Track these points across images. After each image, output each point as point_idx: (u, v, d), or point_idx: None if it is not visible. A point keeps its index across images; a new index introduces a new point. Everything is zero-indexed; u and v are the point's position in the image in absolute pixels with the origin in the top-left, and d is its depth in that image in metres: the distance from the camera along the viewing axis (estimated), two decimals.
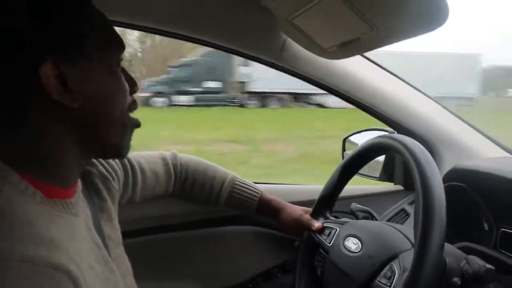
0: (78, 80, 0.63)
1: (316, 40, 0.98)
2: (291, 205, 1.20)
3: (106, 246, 0.79)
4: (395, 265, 0.82)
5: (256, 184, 1.25)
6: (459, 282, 0.79)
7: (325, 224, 1.06)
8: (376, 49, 0.94)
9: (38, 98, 0.61)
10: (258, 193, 1.21)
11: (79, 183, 0.76)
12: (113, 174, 0.95)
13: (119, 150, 0.75)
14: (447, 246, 0.86)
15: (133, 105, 0.75)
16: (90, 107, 0.65)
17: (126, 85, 0.72)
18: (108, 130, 0.70)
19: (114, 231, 0.87)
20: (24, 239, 0.54)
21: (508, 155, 1.29)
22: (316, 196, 1.13)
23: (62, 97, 0.61)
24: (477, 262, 0.78)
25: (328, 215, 1.11)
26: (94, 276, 0.67)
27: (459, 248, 0.91)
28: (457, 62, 20.67)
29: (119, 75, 0.71)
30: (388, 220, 1.34)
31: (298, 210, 1.17)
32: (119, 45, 0.71)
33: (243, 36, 1.17)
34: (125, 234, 0.91)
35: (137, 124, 0.77)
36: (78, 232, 0.68)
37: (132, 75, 0.76)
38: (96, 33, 0.67)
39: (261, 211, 1.22)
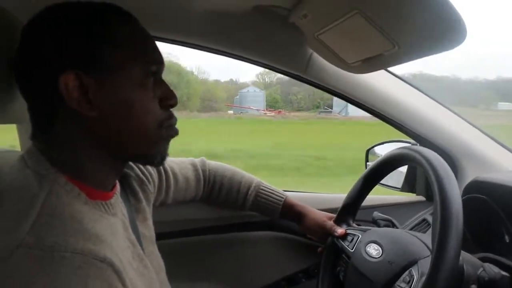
0: (99, 91, 0.67)
1: (340, 55, 1.03)
2: (315, 210, 1.23)
3: (140, 244, 0.84)
4: (414, 270, 0.85)
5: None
6: None
7: (348, 231, 1.10)
8: (398, 65, 0.98)
9: (61, 107, 0.67)
10: (282, 197, 1.25)
11: (118, 185, 0.81)
12: (149, 177, 1.01)
13: (149, 160, 0.76)
14: (466, 254, 0.89)
15: (167, 120, 0.75)
16: (110, 118, 0.68)
17: (155, 99, 0.73)
18: (133, 141, 0.72)
19: (148, 230, 0.93)
20: (74, 234, 0.60)
21: None
22: (340, 204, 1.17)
23: (81, 106, 0.66)
24: (493, 270, 0.81)
25: (351, 222, 1.14)
26: (133, 271, 0.73)
27: (479, 259, 0.93)
28: None
29: (147, 88, 0.71)
30: (410, 230, 1.36)
31: (322, 216, 1.20)
32: (151, 58, 0.73)
33: (272, 50, 1.22)
34: (157, 236, 0.97)
35: (175, 134, 0.78)
36: (117, 231, 0.73)
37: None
38: (120, 46, 0.68)
39: (285, 215, 1.26)
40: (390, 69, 1.30)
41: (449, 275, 0.74)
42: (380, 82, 1.29)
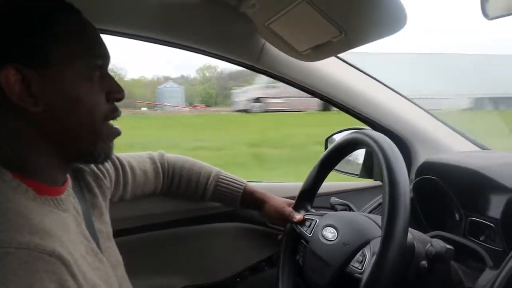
0: (43, 86, 0.66)
1: (291, 44, 1.04)
2: (274, 197, 1.25)
3: (96, 240, 0.84)
4: (366, 250, 0.88)
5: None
6: (427, 265, 0.85)
7: (306, 216, 1.12)
8: (347, 51, 1.00)
9: (4, 102, 0.66)
10: (242, 185, 1.26)
11: (69, 181, 0.80)
12: (105, 172, 1.00)
13: (93, 157, 0.76)
14: (416, 232, 0.93)
15: (112, 114, 0.75)
16: (56, 112, 0.68)
17: (101, 93, 0.73)
18: (78, 137, 0.72)
19: (104, 225, 0.92)
20: (20, 229, 0.59)
21: (477, 148, 1.36)
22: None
23: (23, 101, 0.65)
24: (439, 244, 0.84)
25: (309, 208, 1.16)
26: (86, 265, 0.72)
27: (431, 237, 0.97)
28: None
29: (93, 82, 0.71)
30: (369, 213, 1.40)
31: (281, 203, 1.21)
32: (96, 52, 0.73)
33: (224, 41, 1.23)
34: (117, 233, 0.96)
35: (116, 134, 0.78)
36: (68, 226, 0.72)
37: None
38: (64, 40, 0.68)
39: (245, 203, 1.27)
40: (342, 56, 1.32)
41: (398, 251, 0.76)
42: (333, 69, 1.32)
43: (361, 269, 0.85)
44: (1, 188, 0.64)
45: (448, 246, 0.84)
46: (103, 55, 0.74)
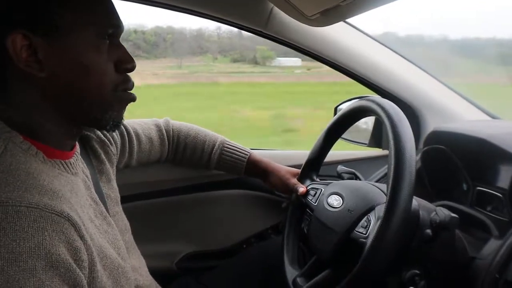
0: (50, 52, 0.66)
1: (299, 8, 1.01)
2: (279, 166, 1.24)
3: (104, 204, 0.85)
4: (371, 215, 0.88)
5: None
6: (431, 234, 0.85)
7: (311, 186, 1.12)
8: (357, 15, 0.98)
9: (12, 68, 0.66)
10: (246, 154, 1.26)
11: (77, 146, 0.81)
12: (111, 139, 1.00)
13: (101, 124, 0.75)
14: (422, 201, 0.92)
15: (123, 84, 0.75)
16: (62, 79, 0.68)
17: (110, 62, 0.72)
18: (85, 104, 0.71)
19: (112, 191, 0.94)
20: (30, 189, 0.60)
21: (488, 117, 1.33)
22: (303, 160, 1.18)
23: (30, 66, 0.66)
24: (444, 212, 0.84)
25: (314, 177, 1.16)
26: (94, 228, 0.74)
27: (437, 206, 0.97)
28: None
29: (101, 51, 0.70)
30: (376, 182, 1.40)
31: (286, 173, 1.21)
32: (106, 20, 0.71)
33: (231, 5, 1.20)
34: (124, 198, 0.98)
35: (129, 100, 0.77)
36: (77, 189, 0.73)
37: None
38: (72, 7, 0.67)
39: (250, 172, 1.27)
40: (352, 23, 1.29)
41: (402, 216, 0.76)
42: (343, 36, 1.29)
43: (365, 234, 0.86)
44: (12, 150, 0.65)
45: (453, 215, 0.83)
46: (115, 24, 0.73)
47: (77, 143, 0.81)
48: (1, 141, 0.65)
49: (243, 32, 1.26)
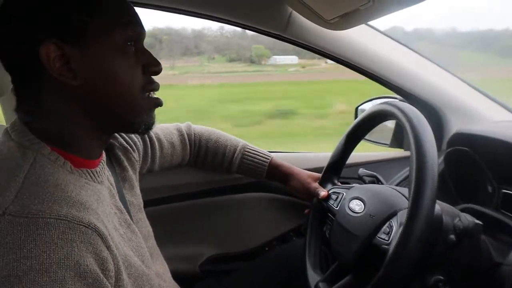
0: (81, 60, 0.67)
1: (319, 12, 1.01)
2: (300, 171, 1.24)
3: (128, 211, 0.87)
4: (393, 221, 0.87)
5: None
6: (455, 239, 0.83)
7: (333, 190, 1.11)
8: (376, 19, 0.97)
9: (44, 77, 0.67)
10: (268, 158, 1.26)
11: (104, 154, 0.82)
12: (133, 146, 1.02)
13: (134, 128, 0.77)
14: (445, 205, 0.91)
15: (149, 86, 0.76)
16: (93, 86, 0.69)
17: (138, 66, 0.74)
18: (117, 109, 0.73)
19: (135, 198, 0.95)
20: (58, 201, 0.62)
21: None
22: (325, 163, 1.18)
23: (63, 75, 0.67)
24: (467, 219, 0.82)
25: (335, 181, 1.15)
26: (119, 236, 0.75)
27: (461, 210, 0.95)
28: None
29: (128, 56, 0.72)
30: (397, 185, 1.38)
31: (307, 178, 1.21)
32: (131, 26, 0.73)
33: (251, 10, 1.20)
34: (146, 203, 0.99)
35: (156, 104, 0.79)
36: (103, 198, 0.75)
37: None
38: (99, 14, 0.68)
39: (271, 177, 1.27)
40: (373, 24, 1.28)
41: (425, 222, 0.75)
42: (363, 38, 1.28)
43: (387, 240, 0.85)
44: (41, 161, 0.66)
45: (477, 221, 0.82)
46: (139, 30, 0.75)
47: (103, 151, 0.82)
48: (30, 153, 0.67)
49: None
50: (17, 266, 0.55)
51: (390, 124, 1.52)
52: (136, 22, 0.75)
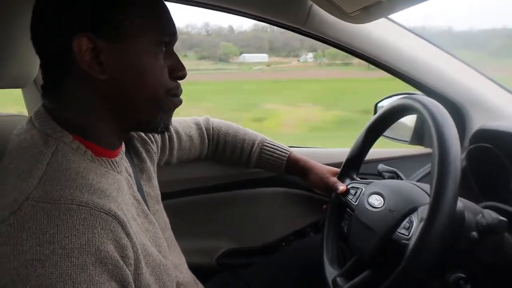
0: (111, 55, 0.68)
1: (339, 5, 1.00)
2: (319, 165, 1.23)
3: (145, 202, 0.87)
4: (413, 216, 0.86)
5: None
6: (477, 236, 0.82)
7: (352, 185, 1.10)
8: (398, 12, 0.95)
9: (73, 67, 0.68)
10: (286, 153, 1.26)
11: (123, 145, 0.83)
12: (152, 138, 1.03)
13: (153, 127, 0.78)
14: (467, 202, 0.89)
15: (174, 89, 0.77)
16: (120, 82, 0.70)
17: (165, 69, 0.75)
18: (139, 107, 0.74)
19: (153, 189, 0.96)
20: (80, 188, 0.63)
21: None
22: (344, 158, 1.17)
23: (92, 69, 0.68)
24: (491, 215, 0.80)
25: (354, 176, 1.14)
26: (137, 226, 0.76)
27: (484, 207, 0.93)
28: None
29: (158, 57, 0.73)
30: (417, 182, 1.36)
31: (325, 172, 1.20)
32: (164, 28, 0.74)
33: (270, 4, 1.19)
34: (164, 196, 1.00)
35: (177, 104, 0.80)
36: (122, 187, 0.76)
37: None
38: (136, 14, 0.70)
39: (290, 171, 1.26)
40: (393, 18, 1.26)
41: (447, 218, 0.74)
42: (383, 31, 1.26)
43: (407, 235, 0.84)
44: (62, 149, 0.67)
45: (501, 218, 0.80)
46: (171, 32, 0.75)
47: (123, 142, 0.83)
48: (53, 141, 0.68)
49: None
50: (40, 250, 0.56)
51: (410, 122, 1.50)
52: (171, 26, 0.76)
